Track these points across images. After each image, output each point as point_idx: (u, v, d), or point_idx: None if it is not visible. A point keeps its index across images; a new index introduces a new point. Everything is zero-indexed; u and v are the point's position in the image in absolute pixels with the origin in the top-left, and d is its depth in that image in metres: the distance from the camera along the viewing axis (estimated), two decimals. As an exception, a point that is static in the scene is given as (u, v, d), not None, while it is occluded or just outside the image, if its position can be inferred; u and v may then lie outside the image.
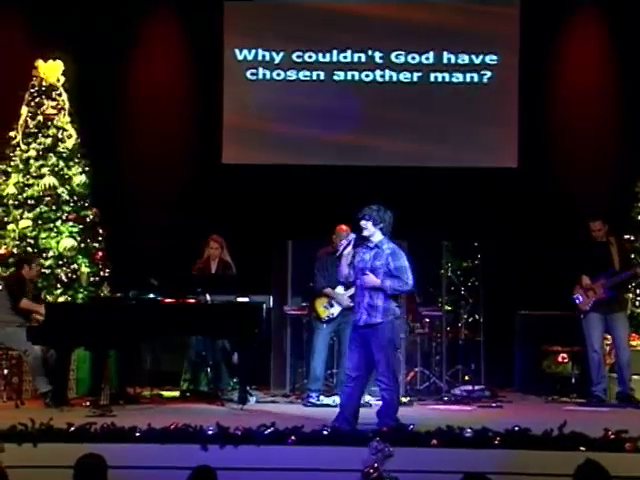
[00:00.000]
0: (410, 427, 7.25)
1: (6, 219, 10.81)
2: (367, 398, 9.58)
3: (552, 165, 11.90)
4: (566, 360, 10.50)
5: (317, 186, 11.62)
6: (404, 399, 9.68)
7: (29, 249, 10.56)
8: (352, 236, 9.82)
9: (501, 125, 12.00)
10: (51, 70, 11.06)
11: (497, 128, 12.01)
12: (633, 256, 10.42)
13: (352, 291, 9.70)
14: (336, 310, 9.65)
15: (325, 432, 7.14)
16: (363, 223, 7.62)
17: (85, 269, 10.74)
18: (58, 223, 10.78)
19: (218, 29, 12.12)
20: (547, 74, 12.00)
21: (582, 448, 6.87)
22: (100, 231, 11.09)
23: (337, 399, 9.34)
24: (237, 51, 12.15)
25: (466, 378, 10.78)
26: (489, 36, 12.01)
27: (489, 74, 12.05)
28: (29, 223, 10.69)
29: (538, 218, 11.70)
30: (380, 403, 7.79)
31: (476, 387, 10.34)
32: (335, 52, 12.16)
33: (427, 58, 12.10)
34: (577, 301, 9.80)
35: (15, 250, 10.55)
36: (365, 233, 7.62)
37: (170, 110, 12.12)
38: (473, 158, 11.97)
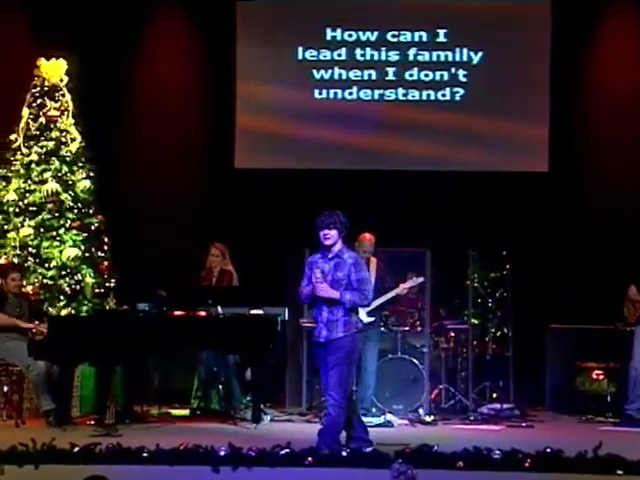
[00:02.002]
0: (434, 448, 7.20)
1: (6, 227, 10.82)
2: (389, 417, 9.58)
3: (585, 169, 11.87)
4: (601, 377, 10.45)
5: (336, 192, 11.60)
6: (428, 418, 9.67)
7: (30, 259, 10.56)
8: (420, 279, 9.84)
9: (531, 127, 11.99)
10: (54, 69, 11.08)
11: (527, 131, 11.99)
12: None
13: (371, 305, 9.73)
14: (356, 324, 9.63)
15: (344, 453, 7.11)
16: (330, 233, 7.41)
17: (90, 280, 10.73)
18: (61, 231, 10.78)
19: (230, 27, 12.15)
20: (580, 74, 11.98)
21: (619, 472, 6.81)
22: (105, 240, 11.09)
23: (357, 418, 9.34)
24: (250, 51, 12.18)
25: (494, 396, 10.72)
26: (520, 36, 12.01)
27: (519, 74, 12.02)
28: (30, 231, 10.69)
29: (570, 225, 11.66)
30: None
31: (505, 405, 10.29)
32: (354, 50, 12.17)
33: (455, 57, 12.12)
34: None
35: (16, 260, 10.56)
36: (329, 242, 7.43)
37: (179, 112, 12.15)
38: (502, 162, 11.96)
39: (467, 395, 10.50)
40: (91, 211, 11.05)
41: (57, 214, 10.80)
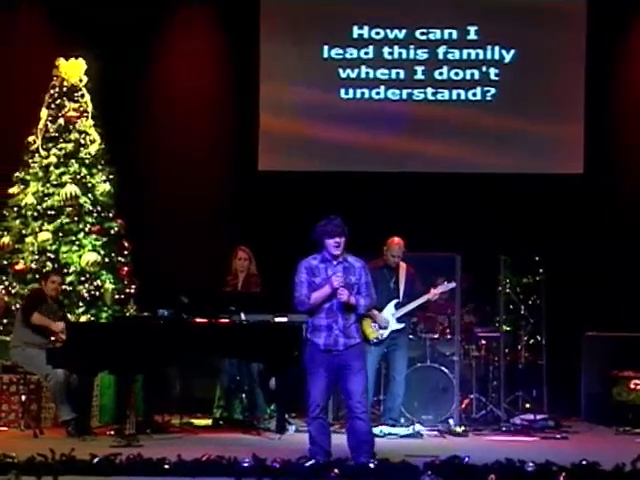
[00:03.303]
0: (465, 460, 7.18)
1: (24, 231, 10.90)
2: (417, 427, 9.55)
3: (621, 170, 11.83)
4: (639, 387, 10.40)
5: (363, 195, 11.61)
6: (458, 429, 9.64)
7: (49, 264, 10.62)
8: (452, 285, 9.82)
9: (566, 128, 11.97)
10: (73, 69, 11.15)
11: (561, 131, 11.97)
12: None
13: (401, 311, 9.72)
14: (386, 331, 9.64)
15: (372, 465, 7.09)
16: (341, 240, 7.37)
17: (109, 286, 10.78)
18: (80, 236, 10.84)
19: (253, 25, 12.17)
20: (615, 73, 11.95)
21: (658, 485, 6.78)
22: (126, 244, 11.14)
23: (385, 429, 9.34)
24: (274, 49, 12.21)
25: (527, 406, 10.69)
26: (554, 33, 11.99)
27: (553, 73, 11.99)
28: (49, 236, 10.76)
29: (606, 228, 11.61)
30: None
31: (538, 416, 10.24)
32: (382, 48, 12.19)
33: (486, 55, 12.13)
34: None
35: (34, 265, 10.62)
36: (338, 251, 7.40)
37: (202, 113, 12.20)
38: (534, 163, 11.95)
39: (499, 405, 10.46)
40: (111, 215, 11.10)
41: (76, 218, 10.86)
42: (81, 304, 10.59)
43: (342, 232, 7.38)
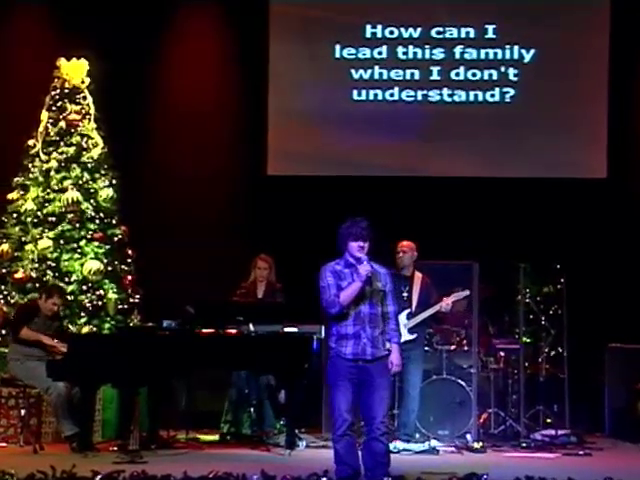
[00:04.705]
0: (484, 477, 7.18)
1: (24, 239, 10.91)
2: (433, 443, 9.54)
3: (647, 175, 11.82)
4: (666, 401, 10.39)
5: (375, 201, 11.60)
6: (476, 444, 9.62)
7: (49, 273, 10.64)
8: (465, 293, 9.81)
9: (588, 131, 11.97)
10: (75, 70, 11.17)
11: (583, 134, 11.97)
12: None
13: (413, 321, 9.72)
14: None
15: (386, 482, 7.10)
16: (366, 245, 7.32)
17: (112, 295, 10.79)
18: (82, 243, 10.84)
19: (262, 24, 12.19)
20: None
21: (685, 504, 6.77)
22: (129, 252, 11.15)
23: (399, 444, 9.33)
24: (284, 49, 12.23)
25: (548, 421, 10.65)
26: (576, 33, 12.00)
27: (575, 73, 12.01)
28: (49, 243, 10.77)
29: (631, 235, 11.58)
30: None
31: (560, 431, 10.22)
32: (396, 47, 12.20)
33: (504, 55, 12.14)
34: None
35: (34, 274, 10.64)
36: (362, 254, 7.33)
37: (208, 116, 12.21)
38: (555, 167, 11.94)
39: (519, 420, 10.42)
40: (114, 221, 11.11)
41: (78, 225, 10.86)
42: (83, 314, 10.57)
43: (367, 236, 7.32)
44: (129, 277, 11.02)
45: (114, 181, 11.18)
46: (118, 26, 11.88)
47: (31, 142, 11.09)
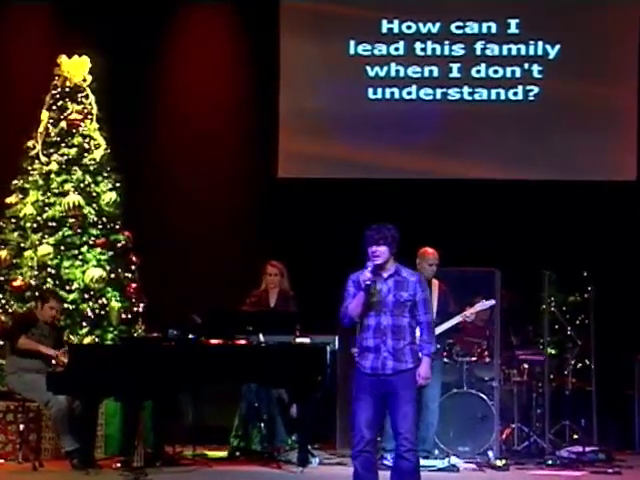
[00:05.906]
0: (507, 497, 7.10)
1: (23, 245, 10.90)
2: (453, 460, 9.49)
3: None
4: (700, 416, 10.34)
5: (392, 204, 11.55)
6: (499, 462, 9.56)
7: (49, 280, 10.61)
8: (491, 302, 9.77)
9: (617, 131, 11.93)
10: (76, 68, 11.16)
11: (612, 134, 11.93)
12: None
13: (437, 331, 9.64)
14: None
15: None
16: (379, 249, 7.17)
17: (115, 304, 10.77)
18: (84, 249, 10.83)
19: (272, 19, 12.18)
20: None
21: None
22: (133, 259, 11.12)
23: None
24: (295, 45, 12.21)
25: (575, 437, 10.61)
26: (604, 27, 11.95)
27: (603, 70, 11.96)
28: (50, 249, 10.75)
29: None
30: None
31: (587, 448, 10.14)
32: (413, 43, 12.17)
33: (528, 50, 12.11)
34: None
35: (33, 282, 10.62)
36: (378, 261, 7.26)
37: (217, 116, 12.21)
38: (582, 169, 11.90)
39: (543, 436, 10.40)
40: (117, 226, 11.09)
41: (79, 230, 10.85)
42: (85, 324, 10.56)
43: (377, 240, 7.20)
44: (133, 285, 11.00)
45: (117, 184, 11.16)
46: (122, 23, 11.91)
47: (30, 143, 11.08)
